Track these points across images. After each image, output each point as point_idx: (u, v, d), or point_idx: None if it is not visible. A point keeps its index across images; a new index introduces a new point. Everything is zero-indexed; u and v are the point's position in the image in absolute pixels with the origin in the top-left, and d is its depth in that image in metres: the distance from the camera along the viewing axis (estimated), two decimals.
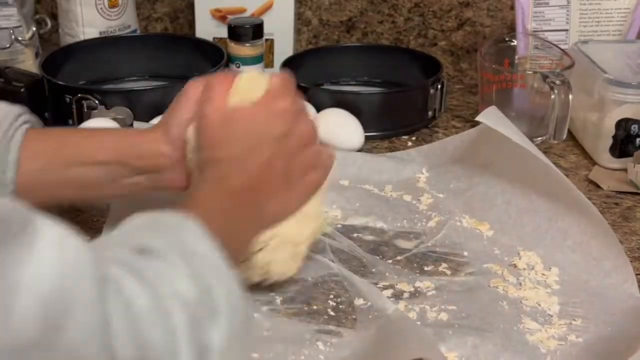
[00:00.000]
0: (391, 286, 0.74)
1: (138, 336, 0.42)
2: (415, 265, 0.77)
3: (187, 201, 0.60)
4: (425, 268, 0.77)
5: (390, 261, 0.77)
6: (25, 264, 0.37)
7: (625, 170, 0.92)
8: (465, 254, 0.79)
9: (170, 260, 0.47)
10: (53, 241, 0.39)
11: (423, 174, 0.92)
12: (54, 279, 0.38)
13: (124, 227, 0.52)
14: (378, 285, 0.74)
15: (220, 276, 0.49)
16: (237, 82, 0.69)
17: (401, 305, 0.71)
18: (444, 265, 0.77)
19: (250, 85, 0.69)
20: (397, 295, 0.72)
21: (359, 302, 0.72)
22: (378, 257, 0.78)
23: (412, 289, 0.73)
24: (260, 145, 0.65)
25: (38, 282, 0.38)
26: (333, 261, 0.77)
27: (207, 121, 0.66)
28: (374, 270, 0.76)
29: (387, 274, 0.75)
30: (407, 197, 0.88)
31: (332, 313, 0.70)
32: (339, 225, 0.83)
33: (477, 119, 0.83)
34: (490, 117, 0.82)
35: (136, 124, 0.92)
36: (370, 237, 0.81)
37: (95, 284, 0.41)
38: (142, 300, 0.44)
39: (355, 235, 0.82)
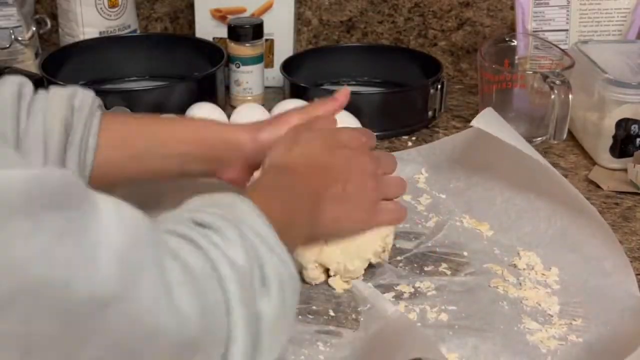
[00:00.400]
0: (391, 286, 0.74)
1: (195, 295, 0.44)
2: (415, 265, 0.77)
3: (248, 189, 0.66)
4: (426, 268, 0.77)
5: (390, 261, 0.77)
6: (97, 224, 0.40)
7: (625, 170, 0.92)
8: (465, 254, 0.79)
9: (224, 233, 0.49)
10: (112, 209, 0.41)
11: (423, 174, 0.92)
12: (122, 238, 0.41)
13: (181, 207, 0.54)
14: (378, 286, 0.74)
15: (272, 252, 0.51)
16: None
17: (401, 305, 0.71)
18: (444, 265, 0.77)
19: None
20: (398, 296, 0.72)
21: (359, 303, 0.72)
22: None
23: (412, 289, 0.73)
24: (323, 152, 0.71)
25: (112, 240, 0.40)
26: None
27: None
28: (374, 270, 0.76)
29: (387, 274, 0.75)
30: (407, 197, 0.88)
31: (332, 314, 0.70)
32: None
33: (471, 123, 0.82)
34: (486, 120, 0.82)
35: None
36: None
37: (153, 246, 0.43)
38: (198, 262, 0.46)
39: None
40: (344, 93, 0.81)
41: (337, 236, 0.73)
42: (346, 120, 0.98)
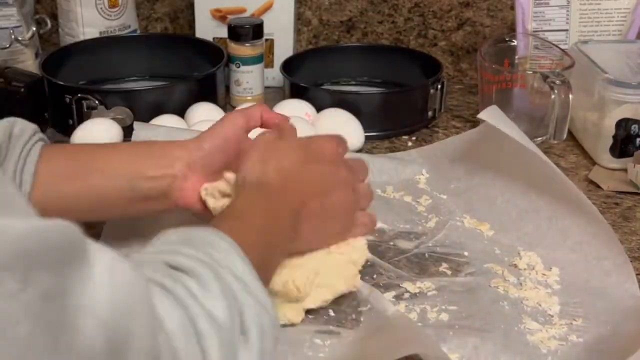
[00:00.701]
0: (391, 286, 0.74)
1: (174, 355, 0.43)
2: (415, 265, 0.77)
3: (225, 212, 0.63)
4: (426, 268, 0.77)
5: (390, 262, 0.77)
6: (85, 287, 0.38)
7: (625, 170, 0.92)
8: (466, 254, 0.79)
9: (203, 280, 0.47)
10: (105, 271, 0.39)
11: (423, 174, 0.92)
12: (111, 306, 0.39)
13: (157, 243, 0.52)
14: (378, 286, 0.74)
15: (252, 296, 0.49)
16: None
17: (402, 305, 0.71)
18: (445, 265, 0.77)
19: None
20: (398, 296, 0.72)
21: (359, 303, 0.72)
22: (378, 258, 0.78)
23: (413, 290, 0.73)
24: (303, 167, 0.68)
25: (99, 306, 0.38)
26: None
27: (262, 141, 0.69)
28: (374, 270, 0.76)
29: (387, 274, 0.75)
30: (408, 198, 0.88)
31: (332, 314, 0.70)
32: None
33: (478, 116, 0.83)
34: (492, 116, 0.83)
35: (137, 125, 0.92)
36: (370, 238, 0.81)
37: (144, 314, 0.42)
38: (176, 321, 0.44)
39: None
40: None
41: (314, 249, 0.71)
42: (346, 120, 0.98)
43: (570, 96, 0.92)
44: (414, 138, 1.03)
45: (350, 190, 0.72)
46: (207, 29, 1.16)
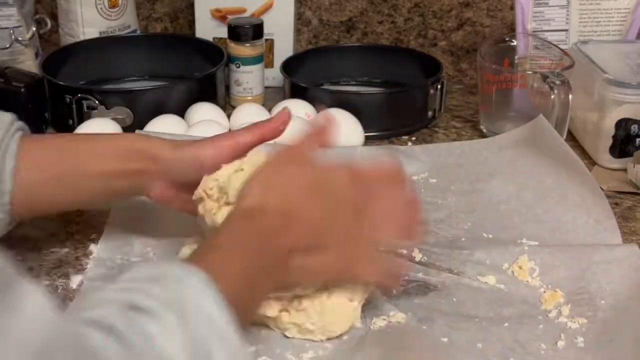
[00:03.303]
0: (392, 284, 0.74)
1: None
2: (415, 265, 0.77)
3: (212, 241, 0.59)
4: (426, 268, 0.76)
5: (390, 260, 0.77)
6: (11, 329, 0.36)
7: (625, 170, 0.92)
8: (467, 252, 0.78)
9: (165, 322, 0.44)
10: (35, 306, 0.37)
11: (425, 173, 0.92)
12: (39, 345, 0.37)
13: (124, 277, 0.49)
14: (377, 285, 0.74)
15: (221, 340, 0.46)
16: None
17: (404, 304, 0.71)
18: (445, 264, 0.77)
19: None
20: (399, 294, 0.72)
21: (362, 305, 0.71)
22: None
23: (413, 287, 0.73)
24: (337, 208, 0.63)
25: (25, 347, 0.36)
26: None
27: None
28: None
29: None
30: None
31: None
32: None
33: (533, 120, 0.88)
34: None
35: (138, 132, 0.92)
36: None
37: (73, 354, 0.39)
38: None
39: None
40: (284, 114, 0.74)
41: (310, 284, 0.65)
42: (346, 120, 0.98)
43: (570, 96, 0.92)
44: (414, 138, 1.03)
45: (357, 221, 0.64)
46: (207, 29, 1.16)
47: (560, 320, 0.69)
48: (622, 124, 0.93)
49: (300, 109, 1.00)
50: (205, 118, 0.97)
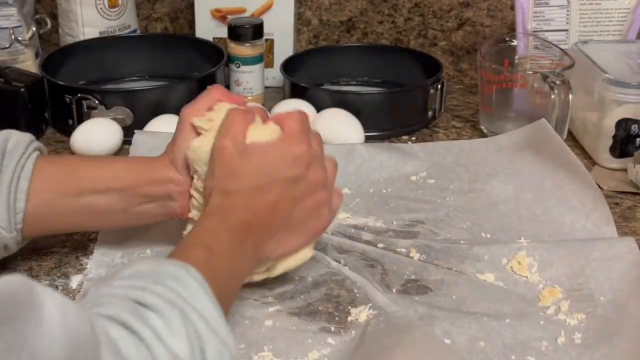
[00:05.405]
0: (392, 283, 0.74)
1: None
2: (415, 263, 0.77)
3: (189, 237, 0.63)
4: (426, 265, 0.76)
5: (390, 259, 0.77)
6: (36, 337, 0.39)
7: (625, 170, 0.92)
8: (465, 249, 0.78)
9: (168, 317, 0.49)
10: (56, 311, 0.40)
11: (424, 172, 0.92)
12: (63, 350, 0.40)
13: (126, 273, 0.53)
14: (377, 284, 0.74)
15: (214, 334, 0.50)
16: (253, 122, 0.69)
17: (403, 302, 0.71)
18: (444, 261, 0.77)
19: (264, 129, 0.68)
20: (398, 293, 0.73)
21: (359, 301, 0.72)
22: (378, 256, 0.78)
23: (413, 286, 0.73)
24: (270, 186, 0.65)
25: (51, 354, 0.39)
26: (337, 260, 0.77)
27: (225, 152, 0.66)
28: (373, 268, 0.76)
29: (387, 272, 0.75)
30: (408, 196, 0.88)
31: (333, 312, 0.70)
32: (338, 225, 0.83)
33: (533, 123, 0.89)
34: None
35: (137, 132, 0.92)
36: (369, 236, 0.81)
37: (94, 350, 0.43)
38: (139, 357, 0.46)
39: (354, 233, 0.82)
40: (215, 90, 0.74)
41: (279, 258, 0.69)
42: (346, 120, 0.98)
43: (570, 96, 0.92)
44: (414, 138, 1.03)
45: (325, 187, 0.69)
46: (207, 29, 1.16)
47: (559, 317, 0.69)
48: (622, 124, 0.93)
49: (300, 109, 1.00)
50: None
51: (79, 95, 0.98)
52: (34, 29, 1.12)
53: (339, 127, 0.97)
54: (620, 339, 0.66)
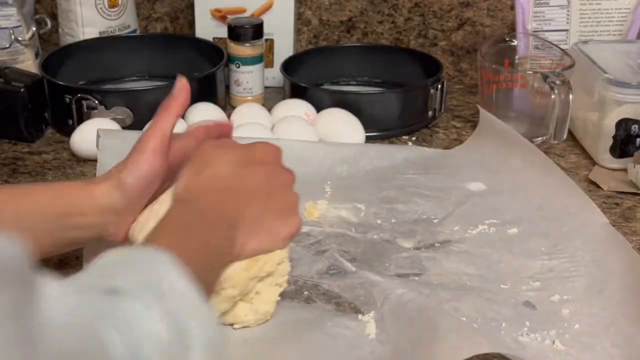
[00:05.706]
0: (398, 277, 0.74)
1: None
2: (416, 261, 0.77)
3: (156, 227, 0.61)
4: (426, 263, 0.76)
5: (393, 258, 0.77)
6: (40, 305, 0.38)
7: (625, 170, 0.92)
8: (463, 246, 0.79)
9: (143, 300, 0.47)
10: (55, 294, 0.40)
11: (422, 173, 0.92)
12: (65, 326, 0.40)
13: (97, 264, 0.51)
14: (386, 279, 0.74)
15: (194, 312, 0.49)
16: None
17: (409, 286, 0.72)
18: (444, 257, 0.77)
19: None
20: (406, 287, 0.72)
21: (373, 295, 0.71)
22: (382, 255, 0.78)
23: (416, 281, 0.73)
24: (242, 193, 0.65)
25: (53, 326, 0.39)
26: (345, 259, 0.77)
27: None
28: (378, 267, 0.76)
29: (391, 270, 0.76)
30: (408, 196, 0.88)
31: (347, 306, 0.71)
32: (341, 224, 0.83)
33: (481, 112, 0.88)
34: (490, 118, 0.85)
35: (102, 132, 0.89)
36: (375, 236, 0.81)
37: (96, 331, 0.42)
38: (119, 347, 0.44)
39: (357, 233, 0.82)
40: (181, 86, 0.75)
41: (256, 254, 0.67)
42: (347, 120, 0.98)
43: (570, 96, 0.92)
44: (414, 138, 1.03)
45: (293, 190, 0.69)
46: (207, 29, 1.16)
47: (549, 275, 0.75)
48: (623, 124, 0.93)
49: (300, 109, 1.00)
50: (205, 118, 0.97)
51: (79, 95, 0.98)
52: (34, 29, 1.12)
53: (339, 127, 0.97)
54: (611, 293, 0.71)
